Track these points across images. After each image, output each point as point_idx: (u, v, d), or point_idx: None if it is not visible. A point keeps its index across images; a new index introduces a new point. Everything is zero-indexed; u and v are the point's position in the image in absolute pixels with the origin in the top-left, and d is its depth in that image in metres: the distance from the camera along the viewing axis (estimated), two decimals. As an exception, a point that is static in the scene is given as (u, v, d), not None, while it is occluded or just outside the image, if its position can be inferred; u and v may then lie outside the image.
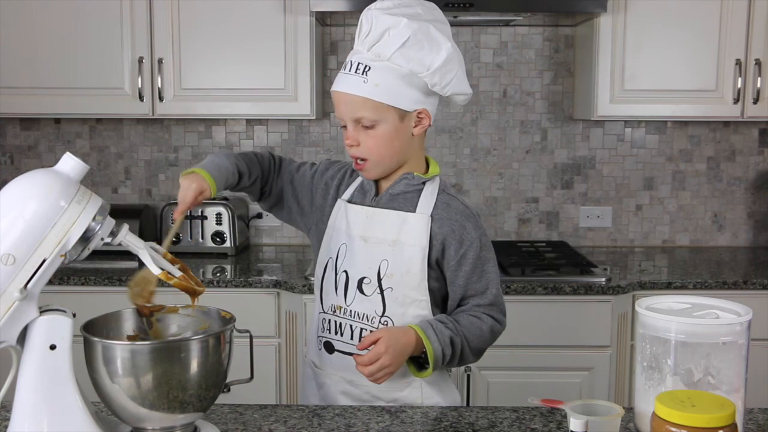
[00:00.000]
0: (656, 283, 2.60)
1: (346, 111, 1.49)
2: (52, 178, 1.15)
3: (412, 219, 1.53)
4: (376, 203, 1.57)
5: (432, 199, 1.55)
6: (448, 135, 3.17)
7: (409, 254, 1.52)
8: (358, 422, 1.39)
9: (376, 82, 1.46)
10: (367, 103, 1.46)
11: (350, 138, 1.51)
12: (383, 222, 1.54)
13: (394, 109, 1.48)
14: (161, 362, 1.16)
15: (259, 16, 2.77)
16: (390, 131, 1.49)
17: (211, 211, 2.91)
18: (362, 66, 1.47)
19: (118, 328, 1.32)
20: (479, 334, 1.53)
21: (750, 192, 3.20)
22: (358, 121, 1.49)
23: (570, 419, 1.16)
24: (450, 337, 1.48)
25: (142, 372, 1.16)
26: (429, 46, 1.45)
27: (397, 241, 1.52)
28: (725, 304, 1.28)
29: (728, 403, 1.07)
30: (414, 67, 1.46)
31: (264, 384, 2.59)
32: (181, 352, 1.18)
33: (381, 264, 1.52)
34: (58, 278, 2.52)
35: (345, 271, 1.55)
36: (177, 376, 1.17)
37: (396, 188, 1.56)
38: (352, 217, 1.57)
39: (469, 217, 1.56)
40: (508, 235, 3.21)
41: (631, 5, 2.75)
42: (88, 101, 2.82)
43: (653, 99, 2.81)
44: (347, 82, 1.48)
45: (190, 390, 1.19)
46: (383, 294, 1.52)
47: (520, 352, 2.54)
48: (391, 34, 1.44)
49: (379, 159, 1.52)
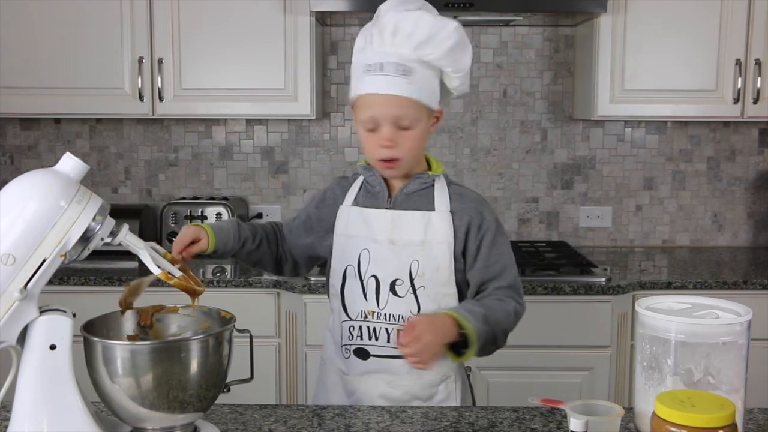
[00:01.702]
0: (656, 283, 2.60)
1: (387, 111, 1.49)
2: (52, 178, 1.15)
3: (436, 217, 1.56)
4: (393, 204, 1.59)
5: (445, 194, 1.59)
6: (448, 135, 3.17)
7: (437, 252, 1.54)
8: (358, 422, 1.39)
9: (419, 83, 1.49)
10: (411, 103, 1.49)
11: (390, 139, 1.50)
12: (408, 223, 1.56)
13: (427, 109, 1.52)
14: (161, 362, 1.16)
15: (259, 16, 2.77)
16: (422, 132, 1.53)
17: (211, 212, 2.92)
18: (403, 67, 1.48)
19: (118, 328, 1.32)
20: (506, 316, 1.54)
21: (750, 192, 3.20)
22: (396, 122, 1.50)
23: (570, 419, 1.16)
24: (483, 314, 1.48)
25: (142, 372, 1.16)
26: (464, 49, 1.52)
27: (425, 240, 1.55)
28: (725, 304, 1.29)
29: (728, 403, 1.07)
30: (452, 69, 1.51)
31: (264, 384, 2.59)
32: (181, 352, 1.18)
33: (412, 264, 1.54)
34: (58, 278, 2.52)
35: (374, 276, 1.55)
36: (177, 376, 1.17)
37: (410, 188, 1.59)
38: (375, 222, 1.57)
39: (483, 203, 1.62)
40: (508, 235, 3.20)
41: (631, 5, 2.75)
42: (88, 101, 2.82)
43: (653, 99, 2.81)
44: (391, 85, 1.48)
45: (190, 390, 1.19)
46: (416, 293, 1.54)
47: (520, 352, 2.54)
48: (440, 35, 1.48)
49: (412, 158, 1.55)
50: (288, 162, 3.19)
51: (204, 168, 3.20)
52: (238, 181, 3.20)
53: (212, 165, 3.20)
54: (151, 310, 1.36)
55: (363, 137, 1.55)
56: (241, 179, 3.20)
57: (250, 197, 3.21)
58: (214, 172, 3.20)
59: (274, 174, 3.20)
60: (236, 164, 3.19)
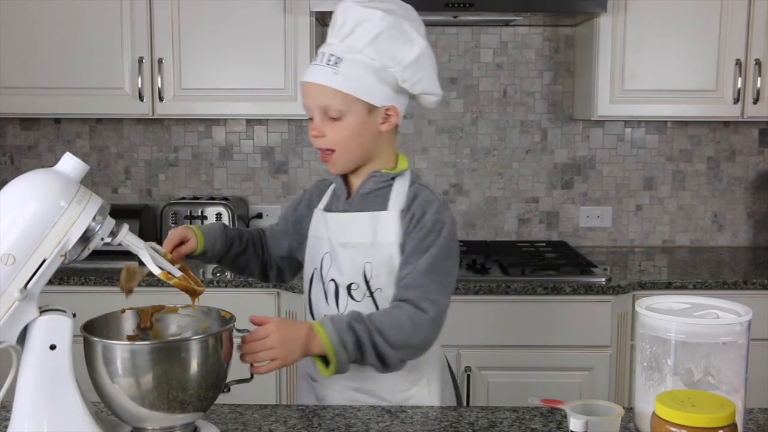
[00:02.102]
0: (656, 283, 2.60)
1: (314, 101, 1.48)
2: (52, 178, 1.15)
3: (384, 218, 1.51)
4: (349, 205, 1.56)
5: (402, 193, 1.53)
6: (448, 135, 3.17)
7: (387, 253, 1.50)
8: (358, 422, 1.39)
9: (346, 74, 1.45)
10: (337, 94, 1.45)
11: (316, 129, 1.49)
12: (357, 225, 1.52)
13: (363, 103, 1.47)
14: (161, 362, 1.16)
15: (259, 16, 2.77)
16: (356, 124, 1.47)
17: (211, 211, 2.91)
18: (333, 57, 1.45)
19: (118, 328, 1.32)
20: (395, 323, 1.40)
21: (750, 192, 3.20)
22: (325, 112, 1.47)
23: (570, 419, 1.16)
24: (348, 322, 1.37)
25: (142, 372, 1.15)
26: (402, 41, 1.46)
27: (374, 242, 1.50)
28: (725, 304, 1.28)
29: (728, 403, 1.07)
30: (386, 62, 1.45)
31: (264, 384, 2.59)
32: (181, 352, 1.18)
33: (365, 267, 1.50)
34: (58, 278, 2.52)
35: (333, 280, 1.53)
36: (177, 376, 1.17)
37: (365, 187, 1.54)
38: (331, 225, 1.55)
39: (431, 203, 1.51)
40: (508, 235, 3.21)
41: (631, 5, 2.75)
42: (88, 101, 2.82)
43: (653, 99, 2.81)
44: (317, 73, 1.47)
45: (189, 390, 1.19)
46: (373, 296, 1.50)
47: (520, 352, 2.54)
48: (365, 26, 1.44)
49: (344, 151, 1.50)
50: (288, 162, 3.19)
51: (204, 168, 3.20)
52: (238, 181, 3.20)
53: (212, 165, 3.20)
54: (151, 310, 1.36)
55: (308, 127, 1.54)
56: (241, 179, 3.20)
57: (250, 197, 3.21)
58: (214, 172, 3.20)
59: (274, 174, 3.20)
60: (236, 164, 3.19)
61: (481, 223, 3.21)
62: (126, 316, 1.34)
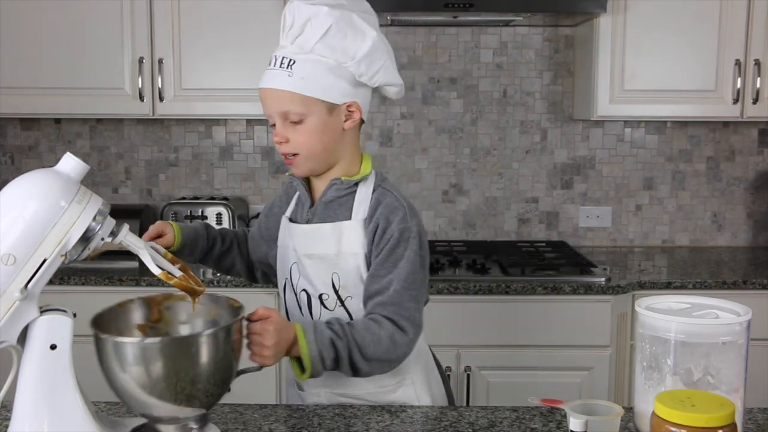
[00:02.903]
0: (656, 283, 2.60)
1: (273, 107, 1.45)
2: (53, 178, 1.15)
3: (347, 228, 1.47)
4: (312, 215, 1.53)
5: (366, 200, 1.49)
6: (448, 135, 3.17)
7: (353, 264, 1.47)
8: (358, 422, 1.39)
9: (301, 75, 1.41)
10: (294, 97, 1.42)
11: (278, 135, 1.45)
12: (321, 237, 1.49)
13: (322, 103, 1.43)
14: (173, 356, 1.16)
15: (259, 16, 2.77)
16: (318, 125, 1.44)
17: (211, 211, 2.91)
18: (287, 60, 1.43)
19: (127, 319, 1.33)
20: (375, 341, 1.39)
21: (749, 192, 3.20)
22: (285, 117, 1.44)
23: (570, 419, 1.16)
24: (330, 339, 1.36)
25: (152, 365, 1.16)
26: (353, 34, 1.42)
27: (339, 252, 1.47)
28: (725, 304, 1.29)
29: (728, 403, 1.08)
30: (338, 57, 1.42)
31: (264, 384, 2.59)
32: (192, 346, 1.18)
33: (333, 277, 1.48)
34: (58, 278, 2.52)
35: (304, 290, 1.51)
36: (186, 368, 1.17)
37: (327, 196, 1.51)
38: (295, 237, 1.52)
39: (396, 210, 1.46)
40: (508, 235, 3.21)
41: (631, 5, 2.76)
42: (88, 101, 2.82)
43: (653, 99, 2.81)
44: (272, 78, 1.44)
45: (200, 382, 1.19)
46: (344, 305, 1.48)
47: (520, 352, 2.54)
48: (312, 24, 1.41)
49: (309, 153, 1.46)
50: (288, 162, 3.19)
51: (204, 168, 3.20)
52: (238, 181, 3.20)
53: (212, 165, 3.20)
54: (161, 298, 1.36)
55: None
56: (241, 179, 3.20)
57: (250, 197, 3.21)
58: (214, 172, 3.20)
59: (274, 174, 3.20)
60: (236, 164, 3.19)
61: (481, 223, 3.21)
62: (134, 305, 1.34)
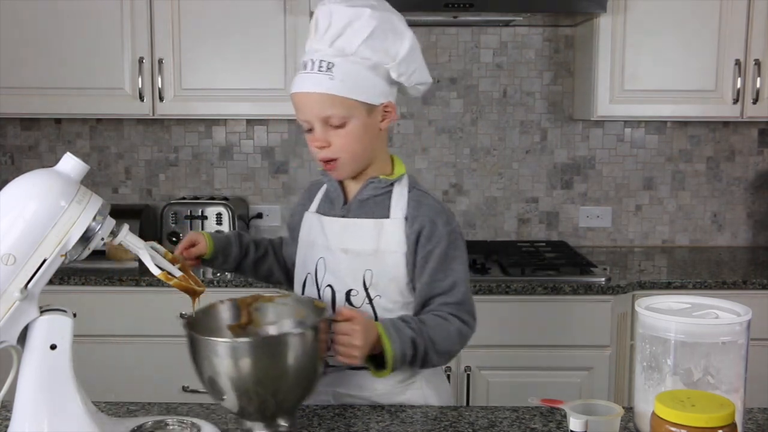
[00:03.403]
0: (656, 283, 2.60)
1: (313, 111, 1.43)
2: (53, 178, 1.15)
3: (388, 225, 1.49)
4: (347, 211, 1.53)
5: (403, 199, 1.51)
6: (448, 135, 3.17)
7: (390, 261, 1.48)
8: (358, 422, 1.39)
9: (341, 78, 1.41)
10: (336, 100, 1.41)
11: (319, 140, 1.44)
12: (360, 232, 1.49)
13: (362, 104, 1.43)
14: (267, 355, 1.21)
15: (260, 16, 2.77)
16: (360, 127, 1.44)
17: (211, 211, 2.91)
18: (325, 63, 1.42)
19: (218, 320, 1.38)
20: (446, 336, 1.45)
21: (749, 192, 3.21)
22: (326, 121, 1.43)
23: (570, 419, 1.16)
24: (411, 338, 1.40)
25: (246, 363, 1.19)
26: (393, 35, 1.43)
27: (377, 250, 1.48)
28: (725, 304, 1.29)
29: (728, 403, 1.08)
30: (380, 59, 1.43)
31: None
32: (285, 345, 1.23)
33: (365, 274, 1.48)
34: (58, 278, 2.52)
35: (329, 286, 1.51)
36: (278, 367, 1.22)
37: (364, 194, 1.52)
38: (329, 230, 1.52)
39: (440, 213, 1.51)
40: (508, 235, 3.21)
41: (631, 5, 2.76)
42: (88, 101, 2.82)
43: (653, 99, 2.81)
44: (310, 81, 1.43)
45: (288, 382, 1.23)
46: (372, 303, 1.49)
47: (520, 352, 2.54)
48: (355, 26, 1.41)
49: (351, 157, 1.46)
50: (288, 162, 3.19)
51: (204, 168, 3.20)
52: (238, 181, 3.20)
53: (212, 165, 3.20)
54: (250, 300, 1.39)
55: (306, 138, 1.50)
56: (241, 179, 3.20)
57: (250, 197, 3.21)
58: (214, 172, 3.20)
59: (274, 174, 3.20)
60: (236, 164, 3.19)
61: (481, 223, 3.21)
62: (224, 306, 1.39)
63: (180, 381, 2.59)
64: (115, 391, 2.32)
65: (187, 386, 2.58)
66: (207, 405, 1.45)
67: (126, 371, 2.59)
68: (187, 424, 1.30)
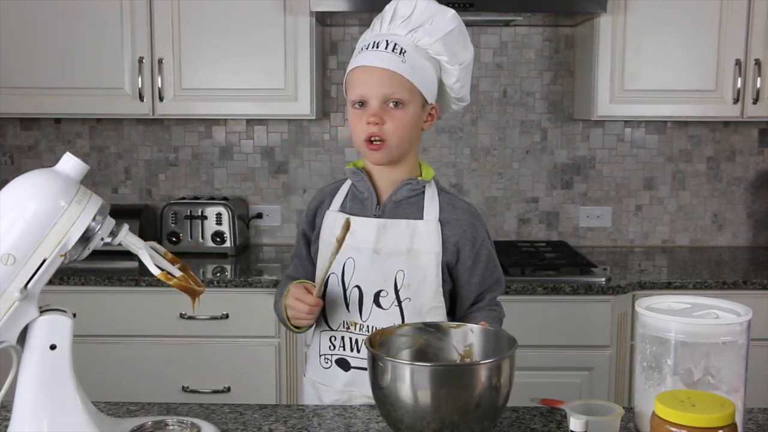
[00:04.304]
0: (656, 283, 2.60)
1: (377, 87, 1.44)
2: (52, 178, 1.15)
3: (423, 226, 1.50)
4: (381, 212, 1.53)
5: (435, 202, 1.53)
6: (448, 135, 3.17)
7: (424, 262, 1.49)
8: (358, 422, 1.39)
9: (412, 65, 1.44)
10: (404, 82, 1.44)
11: (375, 114, 1.44)
12: (395, 232, 1.50)
13: (421, 96, 1.48)
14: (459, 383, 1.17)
15: (259, 16, 2.77)
16: (413, 116, 1.48)
17: (211, 211, 2.92)
18: (399, 47, 1.44)
19: (396, 345, 1.33)
20: (499, 325, 1.58)
21: (750, 192, 3.20)
22: (386, 99, 1.45)
23: (570, 419, 1.16)
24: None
25: (433, 389, 1.15)
26: (464, 42, 1.49)
27: (411, 250, 1.49)
28: (725, 304, 1.29)
29: (728, 403, 1.07)
30: (449, 59, 1.47)
31: (264, 384, 2.59)
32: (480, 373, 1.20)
33: (397, 275, 1.49)
34: (58, 278, 2.52)
35: (357, 287, 1.50)
36: (466, 395, 1.17)
37: (399, 195, 1.53)
38: (360, 230, 1.49)
39: (475, 215, 1.57)
40: (508, 235, 3.21)
41: (631, 5, 2.76)
42: (88, 101, 2.82)
43: (653, 99, 2.81)
44: (382, 59, 1.44)
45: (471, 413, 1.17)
46: (401, 305, 1.49)
47: (520, 352, 2.52)
48: (437, 22, 1.45)
49: (399, 142, 1.48)
50: (288, 162, 3.19)
51: (204, 168, 3.20)
52: (238, 181, 3.20)
53: (212, 165, 3.20)
54: (379, 334, 1.33)
55: (351, 118, 1.50)
56: (241, 179, 3.20)
57: (250, 197, 3.21)
58: (214, 172, 3.20)
59: (274, 174, 3.20)
60: (236, 164, 3.19)
61: (481, 223, 3.20)
62: (401, 331, 1.34)
63: (180, 381, 2.59)
64: (115, 391, 2.32)
65: (187, 386, 2.58)
66: (207, 405, 1.45)
67: (126, 371, 2.59)
68: (187, 424, 1.30)
